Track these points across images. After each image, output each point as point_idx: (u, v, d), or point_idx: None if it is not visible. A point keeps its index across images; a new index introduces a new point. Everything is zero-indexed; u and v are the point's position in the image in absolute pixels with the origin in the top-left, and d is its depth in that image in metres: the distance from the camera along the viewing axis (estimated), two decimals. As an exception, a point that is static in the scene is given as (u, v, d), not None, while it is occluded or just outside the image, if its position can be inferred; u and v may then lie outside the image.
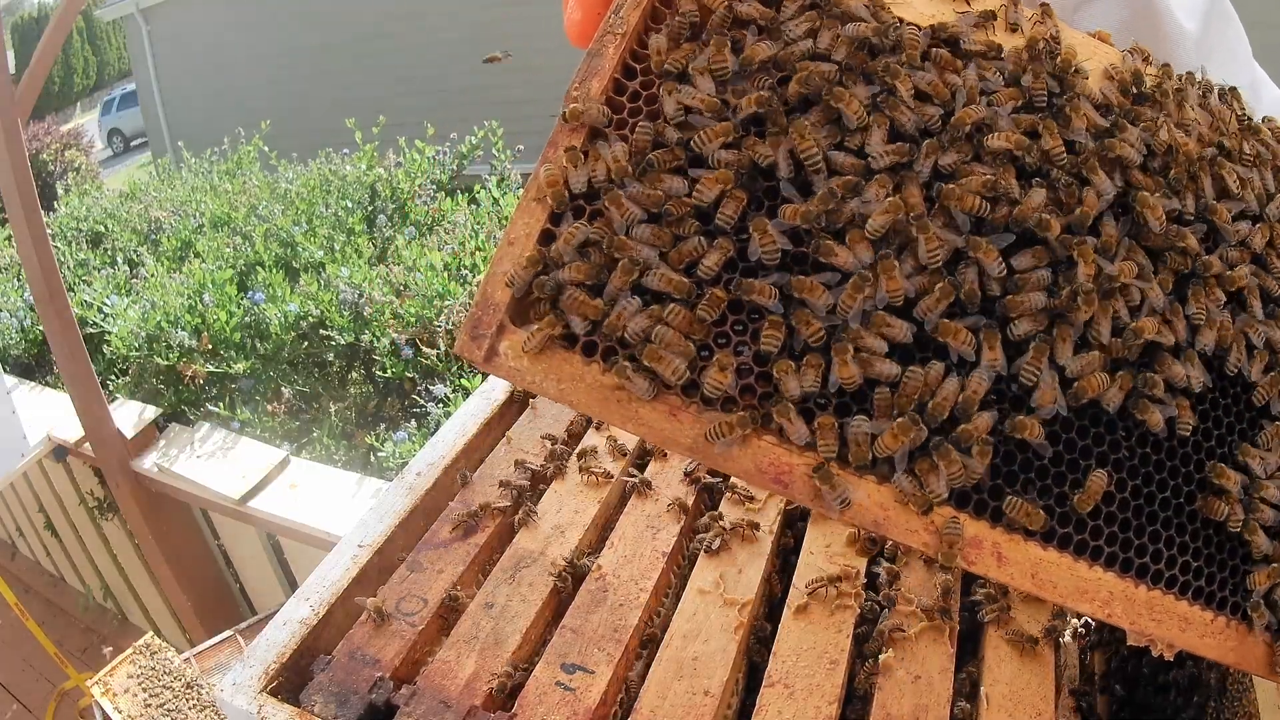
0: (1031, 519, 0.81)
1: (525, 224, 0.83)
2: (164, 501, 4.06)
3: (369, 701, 1.18)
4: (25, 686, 4.93)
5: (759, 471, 0.80)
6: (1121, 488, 0.85)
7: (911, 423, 0.79)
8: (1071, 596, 0.83)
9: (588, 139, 0.85)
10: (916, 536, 0.80)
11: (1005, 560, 0.81)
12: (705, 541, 1.42)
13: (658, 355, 0.78)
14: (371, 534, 1.46)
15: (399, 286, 4.43)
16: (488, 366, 0.81)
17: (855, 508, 0.80)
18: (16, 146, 3.29)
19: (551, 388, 0.80)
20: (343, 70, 13.72)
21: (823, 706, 1.16)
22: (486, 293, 0.81)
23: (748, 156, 0.84)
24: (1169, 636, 0.85)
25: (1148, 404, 0.84)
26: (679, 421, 0.80)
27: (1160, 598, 0.85)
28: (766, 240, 0.82)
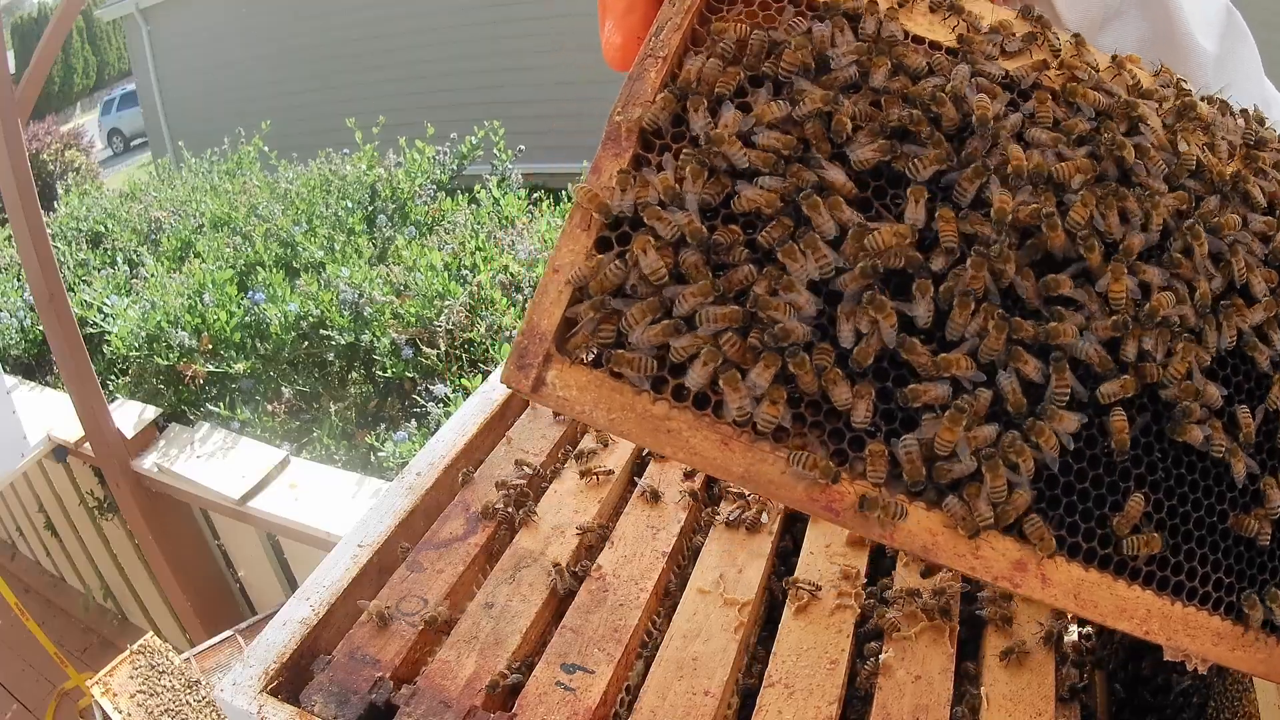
0: (1045, 543, 0.82)
1: (570, 251, 0.82)
2: (164, 501, 4.06)
3: (369, 701, 1.18)
4: (25, 686, 4.93)
5: (810, 500, 0.80)
6: (1158, 508, 0.86)
7: (959, 412, 0.79)
8: (1112, 615, 0.84)
9: (633, 163, 0.84)
10: (964, 561, 0.81)
11: (1049, 582, 0.83)
12: (731, 515, 1.45)
13: (734, 382, 0.78)
14: (371, 534, 1.46)
15: (399, 286, 4.43)
16: (535, 396, 0.80)
17: (904, 533, 0.80)
18: (16, 146, 3.29)
19: (601, 417, 0.80)
20: (343, 70, 13.73)
21: (823, 706, 1.16)
22: (533, 321, 0.81)
23: (793, 184, 0.83)
24: (1203, 651, 0.87)
25: (1189, 424, 0.85)
26: (731, 451, 0.80)
27: (1195, 614, 0.87)
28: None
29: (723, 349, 0.79)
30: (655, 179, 0.83)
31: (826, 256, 0.81)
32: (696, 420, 0.80)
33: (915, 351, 0.80)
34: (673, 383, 0.80)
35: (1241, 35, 1.15)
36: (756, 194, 0.82)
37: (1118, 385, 0.83)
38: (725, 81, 0.86)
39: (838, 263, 0.81)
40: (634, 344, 0.79)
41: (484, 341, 4.07)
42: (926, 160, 0.84)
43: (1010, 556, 0.82)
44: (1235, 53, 1.13)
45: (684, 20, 0.88)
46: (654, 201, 0.81)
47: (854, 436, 0.81)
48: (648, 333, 0.79)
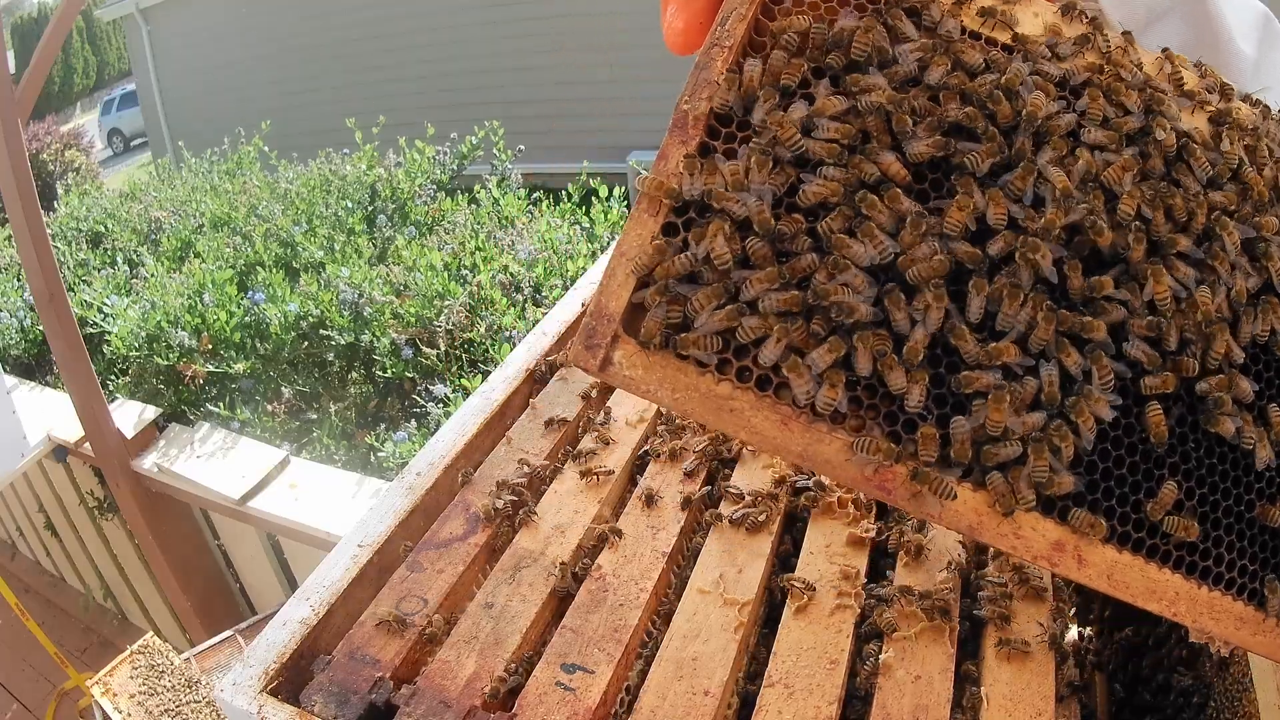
0: (1094, 529, 0.86)
1: (638, 235, 0.84)
2: (164, 501, 4.06)
3: (369, 701, 1.18)
4: (25, 686, 4.93)
5: (864, 479, 0.83)
6: (1190, 496, 0.90)
7: (1001, 391, 0.83)
8: (1142, 596, 0.88)
9: (699, 150, 0.86)
10: (1006, 540, 0.85)
11: (1085, 562, 0.87)
12: (746, 515, 1.45)
13: (797, 368, 0.82)
14: (371, 534, 1.46)
15: (399, 286, 4.43)
16: (603, 375, 0.82)
17: (952, 512, 0.84)
18: (16, 146, 3.29)
19: (666, 396, 0.82)
20: (343, 70, 13.73)
21: (823, 706, 1.16)
22: (601, 303, 0.83)
23: (855, 174, 0.85)
24: (1226, 634, 0.91)
25: (1222, 416, 0.88)
26: (790, 431, 0.83)
27: (1220, 598, 0.91)
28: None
29: (790, 331, 0.82)
30: (724, 166, 0.85)
31: (884, 243, 0.84)
32: (758, 401, 0.82)
33: (964, 339, 0.84)
34: (736, 364, 0.83)
35: (1277, 40, 1.17)
36: (820, 186, 0.85)
37: (1159, 380, 0.87)
38: (790, 73, 0.88)
39: (895, 248, 0.84)
40: (699, 327, 0.82)
41: (484, 341, 4.07)
42: (983, 154, 0.87)
43: (1049, 537, 0.86)
44: (1270, 58, 1.16)
45: (749, 10, 0.90)
46: (722, 188, 0.84)
47: (907, 420, 0.84)
48: (713, 317, 0.82)
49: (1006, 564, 1.37)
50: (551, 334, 2.04)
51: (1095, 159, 0.90)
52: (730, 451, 1.64)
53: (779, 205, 0.86)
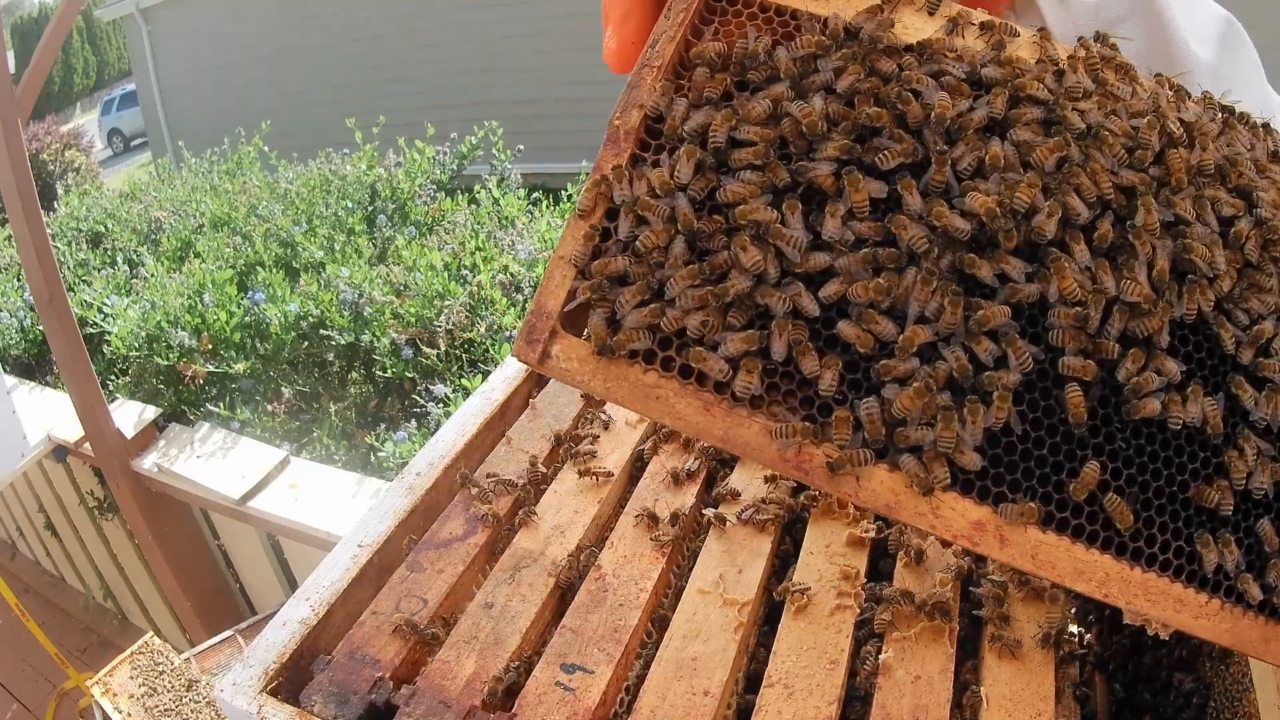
0: (1025, 516, 0.86)
1: (574, 237, 0.92)
2: (164, 501, 4.06)
3: (369, 701, 1.18)
4: (25, 686, 4.93)
5: (783, 461, 0.87)
6: (1116, 476, 0.89)
7: (926, 389, 0.86)
8: (1070, 577, 0.88)
9: (630, 162, 0.93)
10: (925, 520, 0.87)
11: (1007, 542, 0.87)
12: (750, 515, 1.47)
13: (702, 357, 0.88)
14: (371, 534, 1.46)
15: (399, 286, 4.43)
16: (541, 368, 0.90)
17: (869, 492, 0.87)
18: (16, 146, 3.29)
19: (599, 386, 0.90)
20: (343, 70, 13.73)
21: (823, 706, 1.16)
22: (540, 302, 0.91)
23: (769, 178, 0.90)
24: (1164, 617, 0.90)
25: (1144, 401, 0.88)
26: (712, 416, 0.88)
27: (1155, 580, 0.89)
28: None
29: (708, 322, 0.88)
30: (651, 173, 0.91)
31: (796, 237, 0.90)
32: (682, 388, 0.88)
33: (876, 323, 0.88)
34: (661, 355, 0.89)
35: (1240, 42, 1.16)
36: (739, 187, 0.91)
37: (1079, 364, 0.87)
38: (713, 87, 0.94)
39: (803, 242, 0.90)
40: (626, 323, 0.88)
41: (484, 341, 4.07)
42: (893, 153, 0.91)
43: (970, 517, 0.87)
44: (1233, 61, 1.15)
45: (677, 32, 0.96)
46: (649, 193, 0.91)
47: (822, 404, 0.89)
48: (638, 313, 0.89)
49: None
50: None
51: (1006, 150, 0.91)
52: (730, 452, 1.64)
53: (700, 208, 0.91)
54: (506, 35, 12.66)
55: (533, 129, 9.86)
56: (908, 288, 0.88)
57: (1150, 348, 0.89)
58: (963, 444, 0.86)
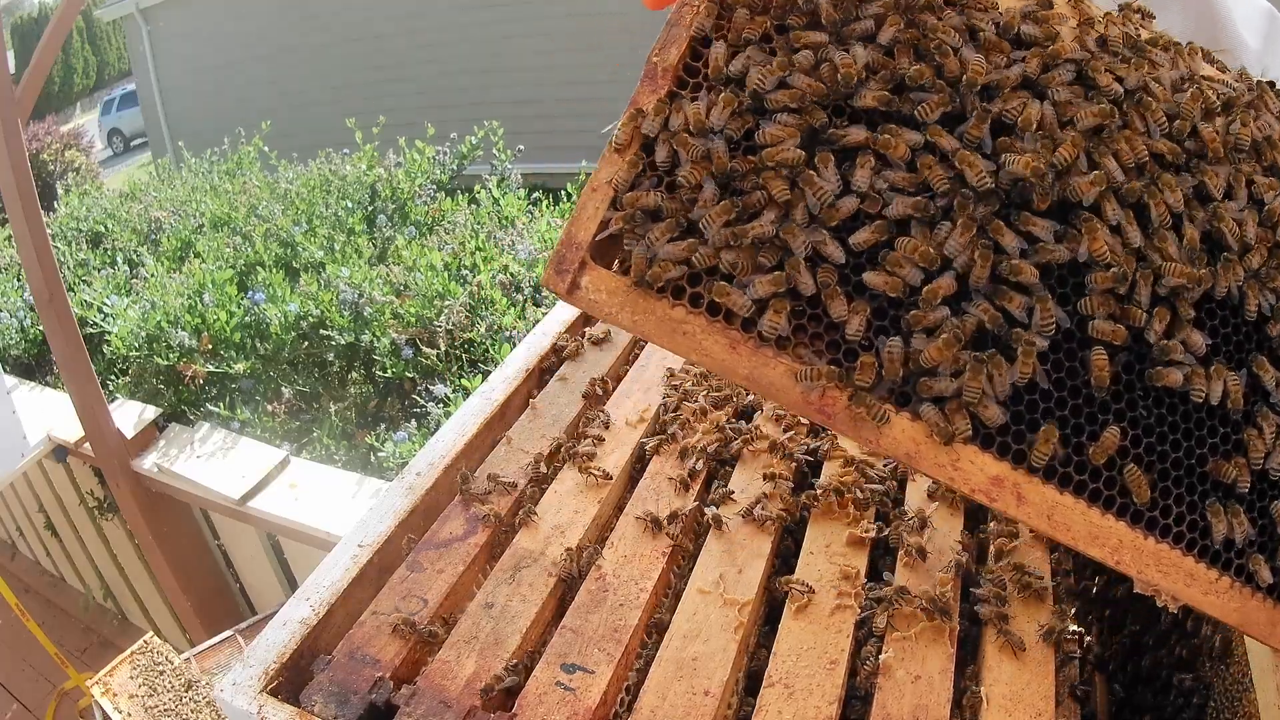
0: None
1: (608, 172, 0.92)
2: (164, 501, 4.06)
3: (369, 701, 1.18)
4: (25, 686, 4.93)
5: (807, 403, 0.88)
6: (1136, 444, 0.90)
7: (955, 340, 0.86)
8: (1084, 541, 0.88)
9: (666, 98, 0.93)
10: (944, 471, 0.87)
11: (1024, 500, 0.88)
12: (757, 511, 1.46)
13: (725, 292, 0.88)
14: (371, 534, 1.46)
15: (399, 286, 4.43)
16: (570, 298, 0.90)
17: (890, 439, 0.87)
18: (16, 146, 3.29)
19: (626, 319, 0.90)
20: (343, 70, 13.72)
21: (823, 706, 1.16)
22: (570, 233, 0.91)
23: (807, 121, 0.92)
24: (1173, 589, 0.90)
25: (1168, 369, 0.89)
26: (738, 354, 0.89)
27: (1168, 551, 0.90)
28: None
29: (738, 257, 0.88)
30: (688, 108, 0.92)
31: (824, 188, 0.90)
32: (709, 325, 0.88)
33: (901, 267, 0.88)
34: (690, 291, 0.89)
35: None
36: (777, 129, 0.91)
37: (1109, 328, 0.88)
38: (752, 29, 0.95)
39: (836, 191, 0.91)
40: (659, 255, 0.88)
41: (484, 341, 4.06)
42: (933, 104, 0.92)
43: (988, 472, 0.87)
44: (1276, 50, 1.17)
45: None
46: (679, 125, 0.91)
47: (848, 349, 0.89)
48: (671, 246, 0.89)
49: (1008, 565, 1.37)
50: (551, 334, 2.04)
51: (1045, 110, 0.93)
52: (730, 452, 1.64)
53: (735, 149, 0.92)
54: (506, 35, 12.65)
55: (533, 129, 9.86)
56: (941, 240, 0.89)
57: (1177, 313, 0.91)
58: (986, 398, 0.86)
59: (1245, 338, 0.94)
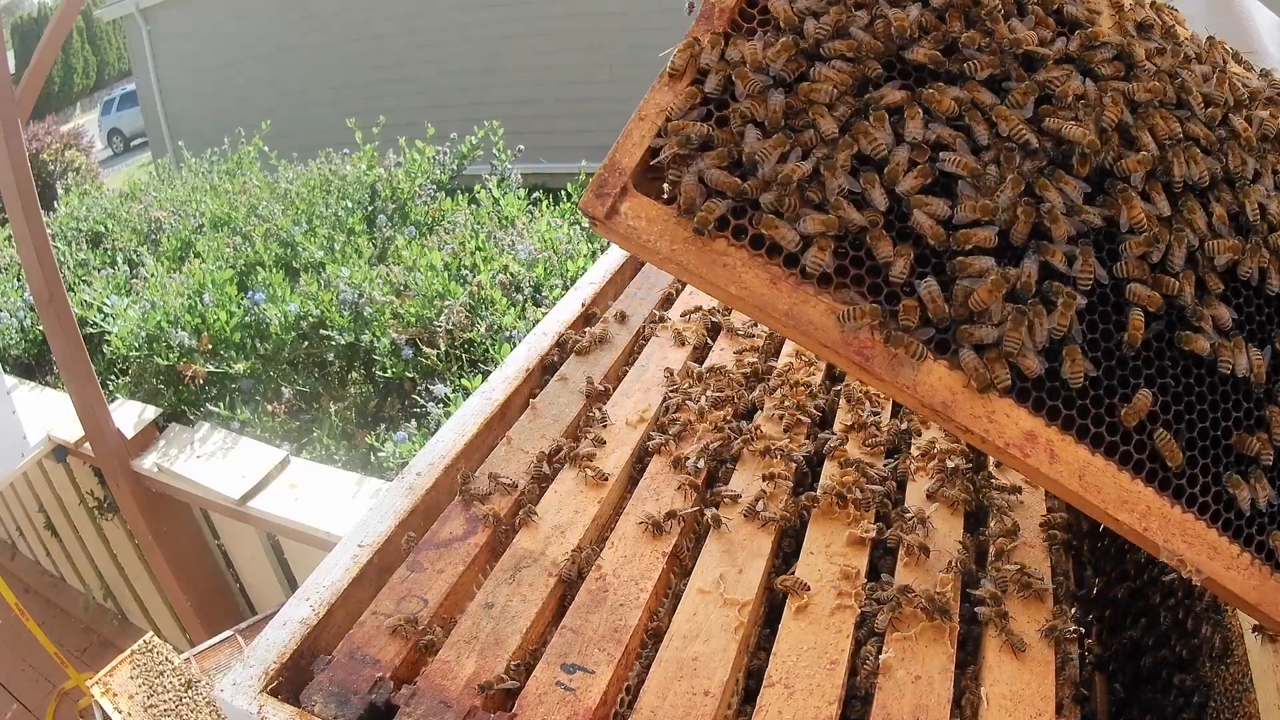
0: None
1: (657, 101, 0.93)
2: (164, 501, 4.05)
3: (369, 701, 1.18)
4: (25, 686, 4.93)
5: (845, 344, 0.88)
6: (1165, 410, 0.92)
7: (1004, 280, 0.88)
8: (1114, 504, 0.89)
9: (722, 35, 0.96)
10: (979, 423, 0.88)
11: (1057, 458, 0.88)
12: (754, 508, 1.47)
13: (774, 224, 0.88)
14: (371, 534, 1.46)
15: (399, 286, 4.43)
16: (608, 223, 0.89)
17: (927, 386, 0.88)
18: (16, 146, 3.29)
19: (665, 248, 0.89)
20: (343, 70, 13.71)
21: (823, 706, 1.16)
22: (615, 159, 0.90)
23: (860, 70, 0.95)
24: (1197, 561, 0.91)
25: (1196, 334, 0.93)
26: (778, 290, 0.88)
27: (1193, 522, 0.91)
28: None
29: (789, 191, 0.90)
30: (745, 46, 0.95)
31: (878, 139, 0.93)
32: (751, 258, 0.88)
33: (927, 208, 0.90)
34: (734, 223, 0.89)
35: None
36: (832, 73, 0.94)
37: (1145, 293, 0.91)
38: None
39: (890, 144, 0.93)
40: (708, 183, 0.89)
41: (484, 341, 4.06)
42: (983, 63, 0.95)
43: (1023, 426, 0.88)
44: None
45: None
46: (736, 59, 0.94)
47: (889, 292, 0.89)
48: (719, 175, 0.89)
49: (1008, 565, 1.37)
50: (551, 334, 2.04)
51: (1088, 86, 0.96)
52: (730, 452, 1.64)
53: (789, 89, 0.94)
54: (506, 35, 12.65)
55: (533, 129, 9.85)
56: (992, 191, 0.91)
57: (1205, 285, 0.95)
58: (1026, 348, 0.87)
59: (1268, 319, 0.97)
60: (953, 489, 1.51)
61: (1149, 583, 1.51)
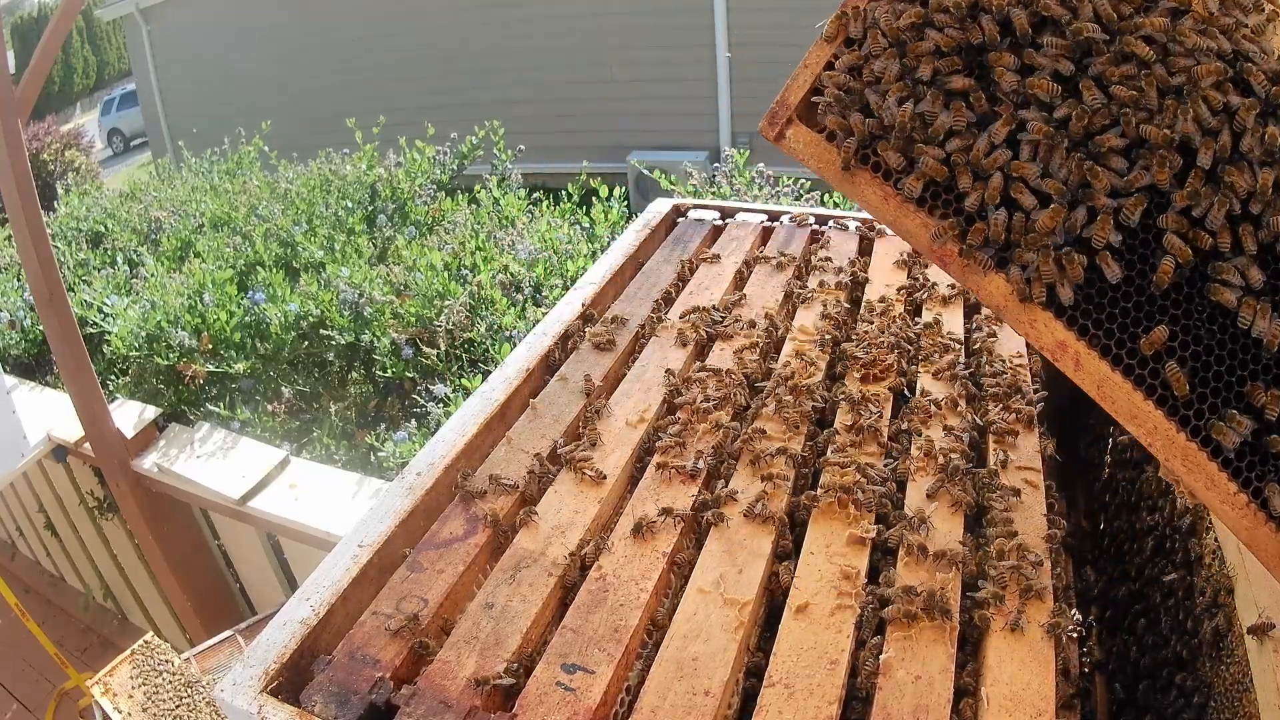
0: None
1: (818, 55, 1.21)
2: (164, 501, 4.05)
3: (369, 702, 1.18)
4: (25, 686, 4.93)
5: (931, 249, 1.13)
6: (1184, 348, 1.04)
7: (1063, 208, 1.05)
8: (1125, 416, 1.04)
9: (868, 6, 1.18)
10: (1023, 326, 1.07)
11: (1081, 367, 1.05)
12: (753, 508, 1.49)
13: (887, 148, 1.14)
14: (371, 534, 1.46)
15: (399, 286, 4.43)
16: (778, 143, 1.20)
17: (988, 291, 1.08)
18: (16, 146, 3.29)
19: (812, 164, 1.19)
20: (343, 70, 13.72)
21: (823, 706, 1.16)
22: (784, 97, 1.21)
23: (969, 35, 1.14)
24: (1194, 487, 1.03)
25: (1222, 286, 1.02)
26: (888, 204, 1.16)
27: (1196, 452, 1.02)
28: None
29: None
30: (880, 12, 1.16)
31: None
32: (871, 179, 1.17)
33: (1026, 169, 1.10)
34: (863, 151, 1.16)
35: None
36: (938, 36, 1.14)
37: (1179, 245, 1.03)
38: None
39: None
40: (849, 121, 1.16)
41: (484, 341, 4.07)
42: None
43: (1056, 335, 1.06)
44: None
45: None
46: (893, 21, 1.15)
47: (968, 216, 1.11)
48: (856, 117, 1.16)
49: (1008, 565, 1.37)
50: (552, 334, 2.04)
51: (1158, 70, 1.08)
52: (731, 452, 1.64)
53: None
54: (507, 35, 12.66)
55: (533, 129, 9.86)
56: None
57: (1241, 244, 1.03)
58: (1062, 279, 1.04)
59: None
60: (953, 489, 1.51)
61: (1149, 582, 1.51)
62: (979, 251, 1.09)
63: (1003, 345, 1.95)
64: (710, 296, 2.19)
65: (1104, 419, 2.08)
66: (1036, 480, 1.57)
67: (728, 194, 4.95)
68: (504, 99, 11.87)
